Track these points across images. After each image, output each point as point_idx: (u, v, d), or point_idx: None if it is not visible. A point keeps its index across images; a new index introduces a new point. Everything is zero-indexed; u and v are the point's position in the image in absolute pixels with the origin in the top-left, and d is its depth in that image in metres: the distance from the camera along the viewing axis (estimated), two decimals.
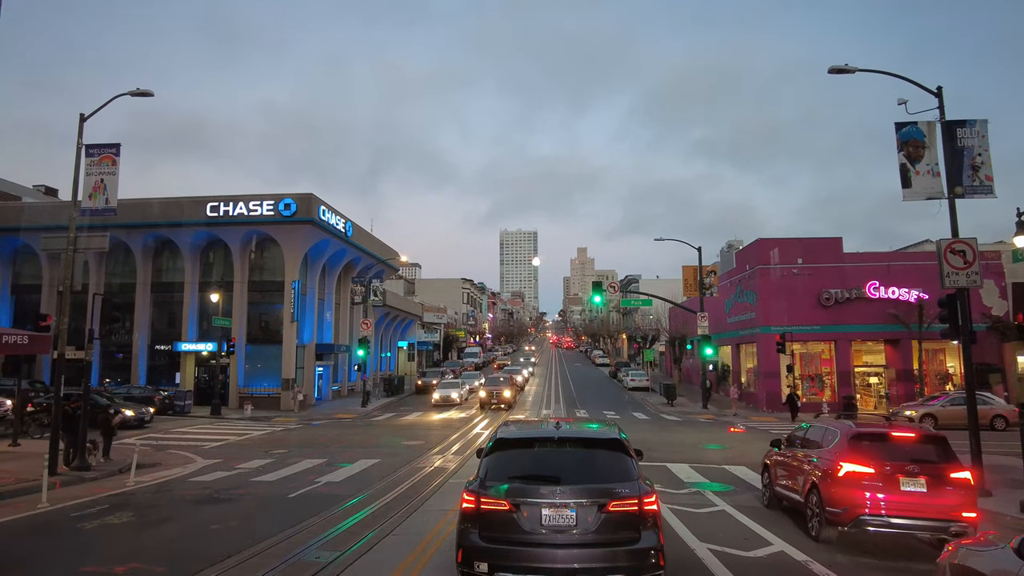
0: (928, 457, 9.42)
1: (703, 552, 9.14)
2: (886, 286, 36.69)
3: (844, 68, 15.41)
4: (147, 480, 15.55)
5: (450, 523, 10.78)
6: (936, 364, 38.11)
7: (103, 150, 16.45)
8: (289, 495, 13.49)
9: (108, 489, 14.35)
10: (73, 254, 16.34)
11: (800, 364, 37.33)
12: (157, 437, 24.50)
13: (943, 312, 14.46)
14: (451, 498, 12.96)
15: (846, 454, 9.67)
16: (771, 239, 40.83)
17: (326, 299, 45.19)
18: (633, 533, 6.41)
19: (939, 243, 14.17)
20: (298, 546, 9.37)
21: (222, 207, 38.21)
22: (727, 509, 12.25)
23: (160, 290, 40.91)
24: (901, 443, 9.67)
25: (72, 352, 17.25)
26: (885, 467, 9.27)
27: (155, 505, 12.68)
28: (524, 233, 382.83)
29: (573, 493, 6.48)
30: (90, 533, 10.41)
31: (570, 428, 7.86)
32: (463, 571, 6.51)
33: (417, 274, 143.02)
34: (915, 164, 14.84)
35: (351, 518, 11.26)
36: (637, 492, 6.56)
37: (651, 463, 18.10)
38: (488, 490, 6.66)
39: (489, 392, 37.36)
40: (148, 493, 14.01)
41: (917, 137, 14.89)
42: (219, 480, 15.54)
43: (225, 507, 12.50)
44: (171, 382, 39.27)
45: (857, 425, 10.52)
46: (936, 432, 10.30)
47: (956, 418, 27.23)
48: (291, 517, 11.28)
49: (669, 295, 49.01)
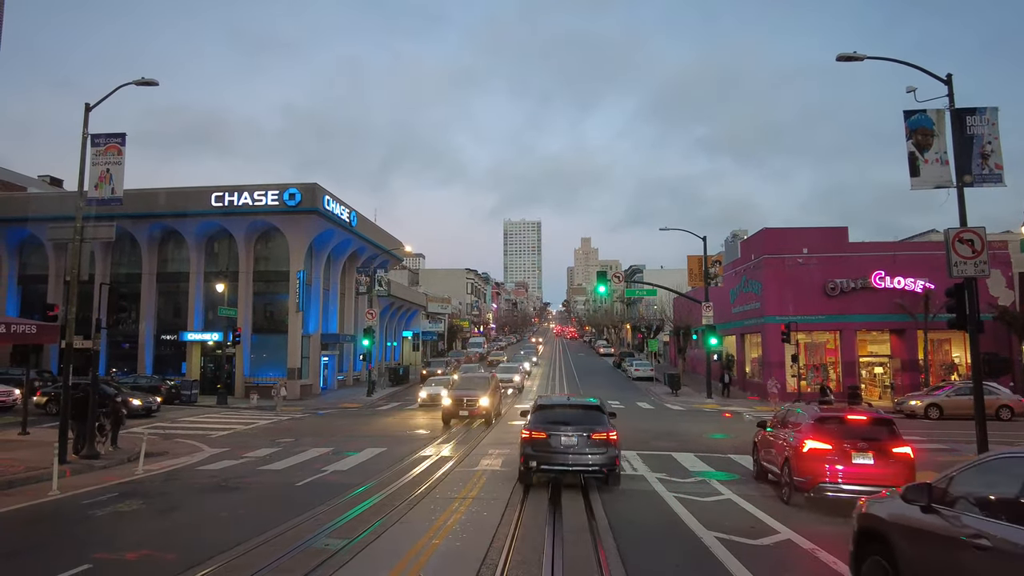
0: (877, 436, 11.21)
1: (710, 540, 9.18)
2: (892, 276, 36.55)
3: (853, 56, 15.28)
4: (156, 468, 15.66)
5: (455, 512, 10.86)
6: (941, 354, 38.02)
7: (108, 140, 16.45)
8: (297, 483, 13.57)
9: (117, 477, 14.46)
10: (80, 244, 16.38)
11: (805, 354, 37.26)
12: (164, 426, 24.65)
13: (951, 302, 14.38)
14: (456, 487, 13.04)
15: (811, 433, 11.50)
16: (777, 228, 40.75)
17: (331, 289, 45.26)
18: (603, 448, 12.52)
19: (947, 232, 14.09)
20: (307, 534, 9.43)
21: (227, 197, 38.22)
22: (733, 497, 12.28)
23: (166, 280, 41.04)
24: (855, 425, 11.55)
25: (80, 342, 17.28)
26: (842, 444, 11.08)
27: (164, 493, 12.77)
28: (528, 223, 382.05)
29: (575, 430, 12.71)
30: (101, 520, 10.50)
31: (574, 399, 15.39)
32: (523, 466, 12.75)
33: (421, 265, 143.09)
34: (924, 152, 14.74)
35: (359, 506, 11.33)
36: (605, 429, 12.78)
37: (656, 452, 18.18)
38: (534, 428, 12.91)
39: (457, 400, 24.62)
40: (157, 481, 14.11)
41: (926, 125, 14.78)
42: (227, 469, 15.64)
43: (233, 495, 12.59)
44: (177, 372, 39.45)
45: (822, 410, 12.43)
46: (884, 416, 12.18)
47: (961, 408, 27.24)
48: (299, 506, 11.35)
49: (673, 285, 48.91)
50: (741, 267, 42.94)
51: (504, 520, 10.30)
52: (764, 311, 38.13)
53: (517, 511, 10.91)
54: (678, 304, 57.57)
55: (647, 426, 24.92)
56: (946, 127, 14.68)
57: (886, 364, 38.42)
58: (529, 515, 10.75)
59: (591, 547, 8.87)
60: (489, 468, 15.41)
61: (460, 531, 9.72)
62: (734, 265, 45.51)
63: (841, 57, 15.36)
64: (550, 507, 11.24)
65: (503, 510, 11.01)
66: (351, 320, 48.16)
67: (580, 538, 9.32)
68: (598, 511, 10.89)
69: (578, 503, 11.67)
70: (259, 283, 40.34)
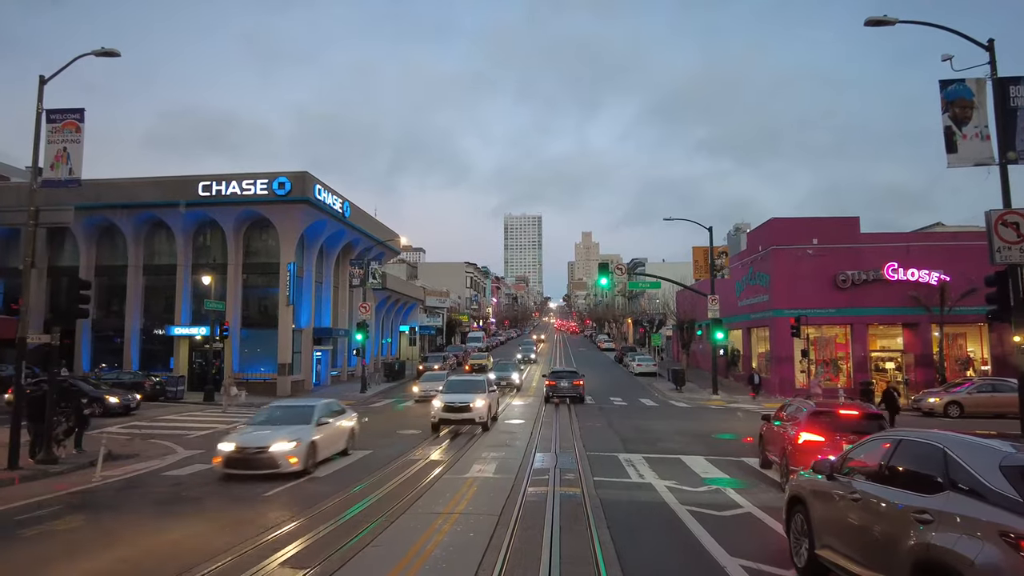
0: (867, 429, 11.45)
1: (734, 569, 7.80)
2: (905, 268, 35.11)
3: (883, 19, 13.83)
4: (116, 475, 14.31)
5: (439, 531, 9.48)
6: (956, 349, 36.62)
7: (66, 115, 15.04)
8: (264, 494, 12.18)
9: (70, 486, 13.11)
10: (35, 229, 14.99)
11: (814, 349, 35.84)
12: (142, 425, 23.30)
13: (992, 291, 12.99)
14: (442, 500, 11.66)
15: (806, 426, 12.43)
16: (785, 218, 39.32)
17: (324, 282, 43.89)
18: (579, 390, 31.02)
19: (989, 214, 12.65)
20: (256, 561, 8.05)
21: (215, 186, 36.79)
22: (753, 511, 10.90)
23: (153, 273, 39.70)
24: (847, 419, 12.47)
25: (37, 336, 15.89)
26: (835, 436, 11.86)
27: (113, 506, 11.42)
28: (529, 217, 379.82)
29: (567, 380, 31.31)
30: (23, 543, 9.06)
31: (566, 369, 38.27)
32: (546, 394, 30.91)
33: (421, 259, 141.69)
34: (962, 127, 13.33)
35: (329, 523, 9.96)
36: (582, 381, 31.71)
37: (664, 455, 16.83)
38: (549, 379, 31.83)
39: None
40: (112, 491, 12.75)
41: (964, 96, 13.36)
42: (193, 475, 14.28)
43: (189, 508, 11.22)
44: (166, 367, 38.17)
45: (817, 405, 13.32)
46: (876, 411, 13.17)
47: (984, 406, 25.89)
48: (259, 523, 9.99)
49: (677, 279, 47.48)
50: (748, 259, 41.50)
51: (492, 543, 8.91)
52: (772, 304, 36.71)
53: (509, 534, 9.50)
54: (681, 298, 56.16)
55: (652, 425, 23.56)
56: (987, 98, 13.29)
57: (897, 359, 37.02)
58: (521, 539, 9.35)
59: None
60: (481, 475, 14.04)
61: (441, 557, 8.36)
62: (740, 257, 44.11)
63: (870, 21, 13.92)
64: (548, 531, 9.79)
65: (492, 529, 9.63)
66: (345, 314, 46.79)
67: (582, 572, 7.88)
68: (603, 535, 9.34)
69: (581, 523, 10.27)
70: (249, 276, 39.05)
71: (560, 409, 28.19)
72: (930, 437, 6.00)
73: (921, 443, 6.00)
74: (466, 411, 20.67)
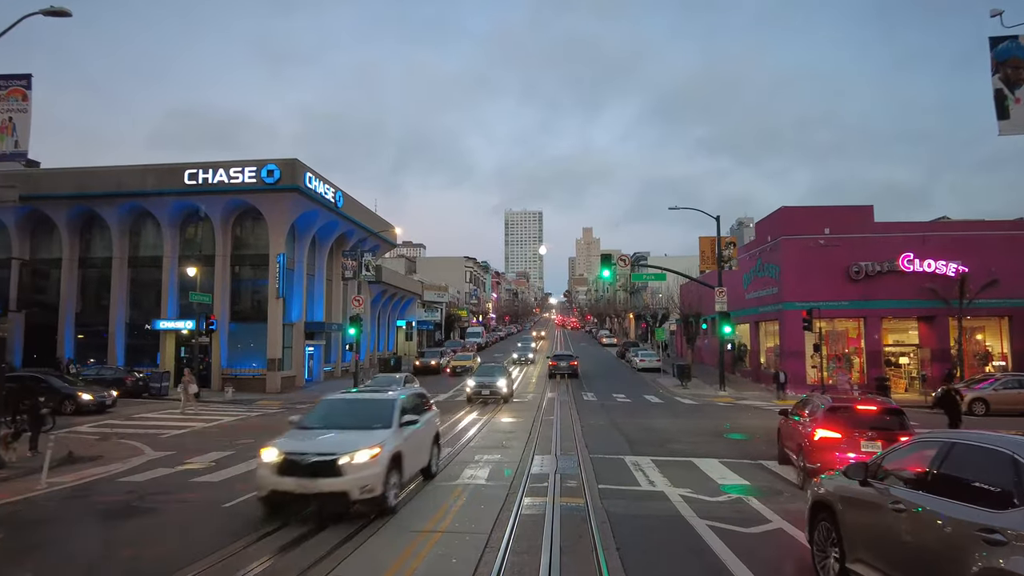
0: (886, 425, 11.28)
1: None
2: (921, 259, 33.62)
3: None
4: (67, 481, 12.86)
5: (416, 554, 8.02)
6: (973, 344, 35.12)
7: (11, 82, 13.49)
8: (224, 504, 10.68)
9: (10, 494, 11.65)
10: None
11: (826, 342, 34.32)
12: (114, 424, 21.87)
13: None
14: (420, 520, 10.19)
15: (822, 422, 11.72)
16: (795, 207, 37.76)
17: (316, 275, 42.41)
18: (575, 369, 43.21)
19: None
20: None
21: (201, 174, 35.31)
22: (784, 526, 9.43)
23: (138, 265, 38.23)
24: (865, 414, 11.72)
25: None
26: (852, 432, 11.29)
27: (53, 520, 9.97)
28: (529, 213, 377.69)
29: (565, 362, 43.71)
30: None
31: (565, 352, 54.34)
32: (550, 371, 43.45)
33: (420, 254, 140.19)
34: (1015, 90, 11.81)
35: (288, 552, 8.49)
36: (578, 362, 44.91)
37: (675, 457, 15.38)
38: (551, 359, 45.65)
39: None
40: (56, 500, 11.30)
41: (1018, 55, 11.82)
42: (152, 481, 12.82)
43: (136, 523, 9.78)
44: (153, 362, 36.79)
45: (834, 401, 12.58)
46: (895, 406, 12.21)
47: (1012, 403, 24.40)
48: (208, 543, 8.51)
49: (681, 271, 45.90)
50: (756, 250, 39.96)
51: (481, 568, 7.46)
52: (782, 296, 35.20)
53: (498, 560, 8.05)
54: (685, 291, 54.63)
55: (659, 424, 22.09)
56: None
57: (911, 354, 35.52)
58: (513, 568, 7.90)
59: None
60: (472, 482, 12.58)
61: None
62: (748, 248, 42.57)
63: None
64: (546, 556, 8.36)
65: (481, 552, 8.17)
66: (339, 308, 45.32)
67: None
68: (612, 561, 7.88)
69: (585, 543, 8.81)
70: (238, 268, 37.61)
71: (560, 410, 26.70)
72: (993, 441, 5.12)
73: (982, 448, 5.17)
74: None
